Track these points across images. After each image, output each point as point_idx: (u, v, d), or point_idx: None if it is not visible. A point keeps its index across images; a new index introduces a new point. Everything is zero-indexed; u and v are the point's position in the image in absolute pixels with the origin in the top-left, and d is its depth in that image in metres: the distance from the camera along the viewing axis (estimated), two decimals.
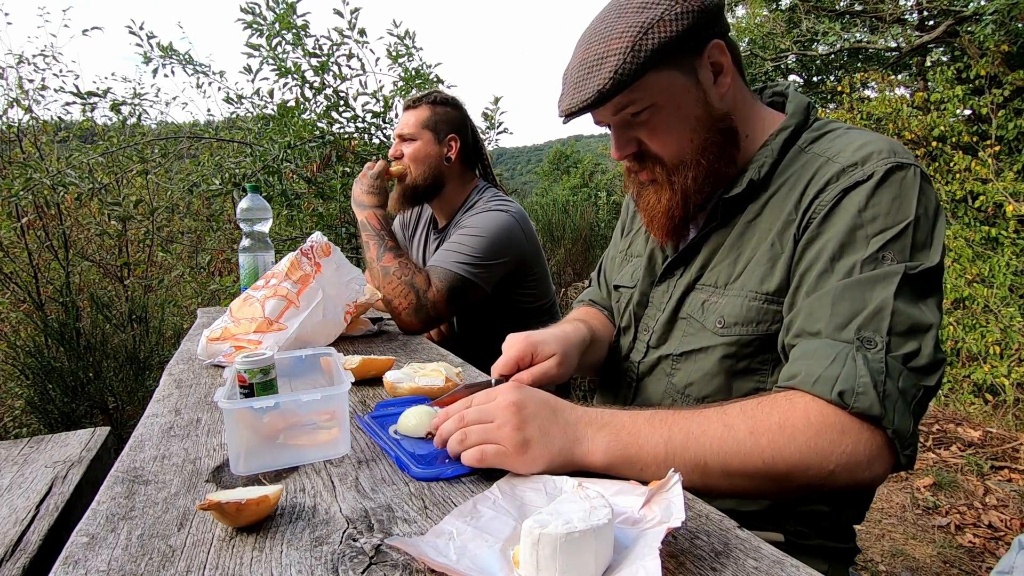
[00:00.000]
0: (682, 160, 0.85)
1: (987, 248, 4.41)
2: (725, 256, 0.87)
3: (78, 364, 2.95)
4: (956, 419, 3.36)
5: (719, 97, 0.84)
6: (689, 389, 0.88)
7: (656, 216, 0.89)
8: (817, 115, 0.89)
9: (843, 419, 0.64)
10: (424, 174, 1.68)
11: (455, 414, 0.71)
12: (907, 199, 0.73)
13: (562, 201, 5.74)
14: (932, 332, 0.68)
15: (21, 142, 3.71)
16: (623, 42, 0.77)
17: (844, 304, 0.70)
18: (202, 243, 3.98)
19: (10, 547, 1.10)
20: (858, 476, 0.64)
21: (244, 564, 0.52)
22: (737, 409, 0.67)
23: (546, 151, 37.89)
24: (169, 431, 0.85)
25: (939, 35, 5.33)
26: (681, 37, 0.77)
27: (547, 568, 0.47)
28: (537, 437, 0.65)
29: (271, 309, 1.18)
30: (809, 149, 0.84)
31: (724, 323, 0.84)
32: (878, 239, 0.71)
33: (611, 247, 1.21)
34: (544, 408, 0.68)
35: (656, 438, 0.65)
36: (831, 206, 0.75)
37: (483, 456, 0.66)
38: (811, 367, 0.67)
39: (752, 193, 0.85)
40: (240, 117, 3.59)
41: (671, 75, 0.81)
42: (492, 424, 0.66)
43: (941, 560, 2.13)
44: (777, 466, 0.64)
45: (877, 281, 0.69)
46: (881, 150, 0.76)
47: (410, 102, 1.72)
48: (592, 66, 0.79)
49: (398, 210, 1.76)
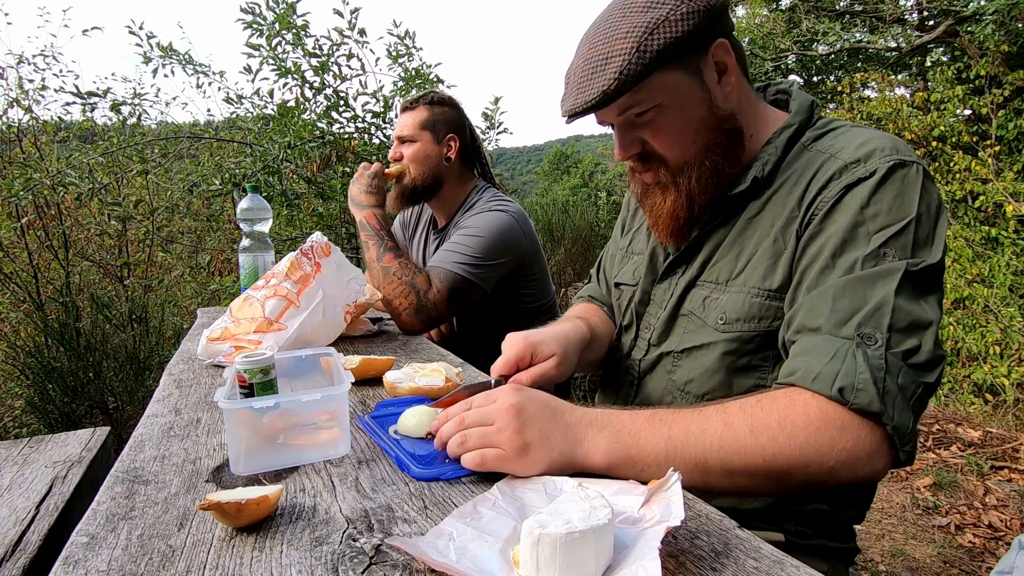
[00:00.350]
0: (686, 161, 0.84)
1: (987, 248, 4.41)
2: (727, 253, 0.87)
3: (78, 364, 2.95)
4: (956, 419, 3.36)
5: (723, 97, 0.84)
6: (689, 386, 0.88)
7: (661, 218, 0.89)
8: (821, 114, 0.89)
9: (843, 415, 0.64)
10: (424, 174, 1.68)
11: (454, 416, 0.70)
12: (909, 196, 0.73)
13: (562, 201, 5.75)
14: (932, 329, 0.68)
15: (21, 142, 3.71)
16: (628, 42, 0.76)
17: (845, 300, 0.70)
18: (202, 243, 3.98)
19: (10, 547, 1.10)
20: (858, 472, 0.65)
21: (244, 564, 0.52)
22: (737, 407, 0.67)
23: (546, 151, 37.88)
24: (169, 431, 0.85)
25: (939, 35, 5.33)
26: (687, 37, 0.77)
27: (547, 568, 0.47)
28: (537, 440, 0.65)
29: (271, 309, 1.18)
30: (812, 146, 0.83)
31: (726, 319, 0.84)
32: (880, 235, 0.71)
33: (611, 244, 1.21)
34: (544, 411, 0.67)
35: (656, 438, 0.65)
36: (833, 202, 0.75)
37: (483, 460, 0.65)
38: (811, 363, 0.68)
39: (755, 190, 0.85)
40: (240, 117, 3.59)
41: (676, 75, 0.80)
42: (492, 428, 0.66)
43: (941, 560, 2.13)
44: (778, 463, 0.64)
45: (878, 277, 0.69)
46: (884, 147, 0.76)
47: (407, 104, 1.72)
48: (596, 66, 0.78)
49: (397, 210, 1.76)
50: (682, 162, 0.85)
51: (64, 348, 2.97)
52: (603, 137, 36.49)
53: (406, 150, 1.68)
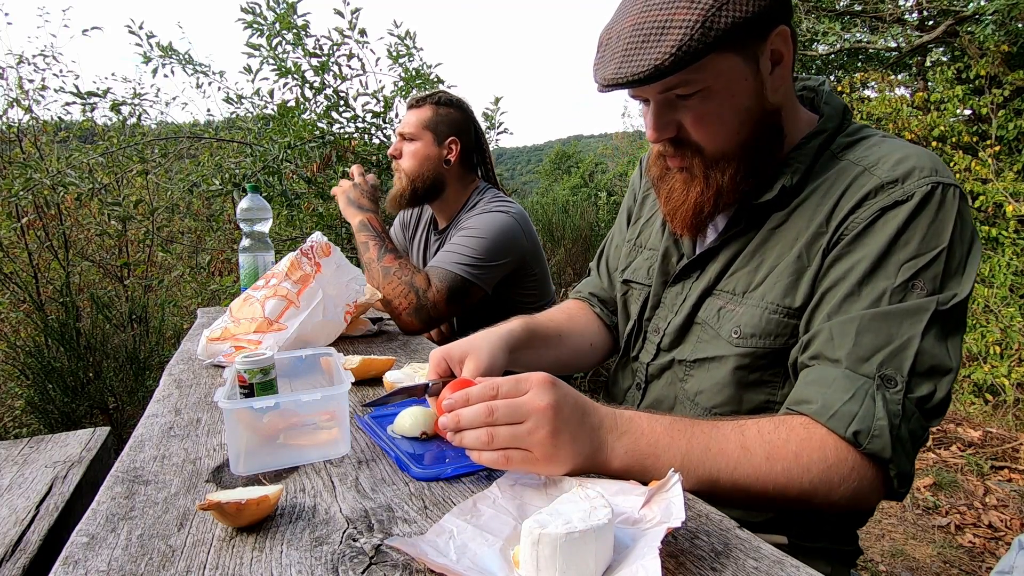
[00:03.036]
0: (724, 153, 0.78)
1: (987, 248, 4.40)
2: (746, 263, 0.82)
3: (78, 364, 2.95)
4: (956, 419, 3.36)
5: (774, 90, 0.77)
6: (699, 397, 0.86)
7: (681, 207, 0.83)
8: (852, 119, 0.84)
9: (855, 457, 0.66)
10: (423, 176, 1.67)
11: (477, 401, 0.62)
12: (944, 224, 0.70)
13: (562, 201, 5.74)
14: (950, 376, 0.68)
15: (21, 142, 3.71)
16: (693, 13, 0.68)
17: (868, 336, 0.68)
18: (202, 243, 3.98)
19: (10, 547, 1.10)
20: (857, 505, 0.68)
21: (244, 564, 0.52)
22: (755, 431, 0.67)
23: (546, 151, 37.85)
24: (169, 431, 0.85)
25: (939, 35, 5.33)
26: (754, 19, 0.69)
27: (547, 568, 0.47)
28: (567, 446, 0.61)
29: (271, 309, 1.18)
30: (844, 156, 0.79)
31: (740, 333, 0.80)
32: (910, 266, 0.69)
33: (615, 234, 1.15)
34: (576, 412, 0.63)
35: (674, 451, 0.64)
36: (865, 224, 0.72)
37: (508, 461, 0.61)
38: (829, 398, 0.67)
39: (780, 199, 0.80)
40: (240, 117, 3.58)
41: (733, 59, 0.73)
42: (523, 427, 0.60)
43: (941, 560, 2.13)
44: (788, 493, 0.65)
45: (906, 316, 0.68)
46: (923, 167, 0.72)
47: (414, 101, 1.72)
48: (650, 34, 0.69)
49: (395, 210, 1.76)
50: (719, 154, 0.78)
51: (64, 348, 2.97)
52: (604, 137, 36.40)
53: (406, 147, 1.68)
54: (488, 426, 0.61)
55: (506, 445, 0.60)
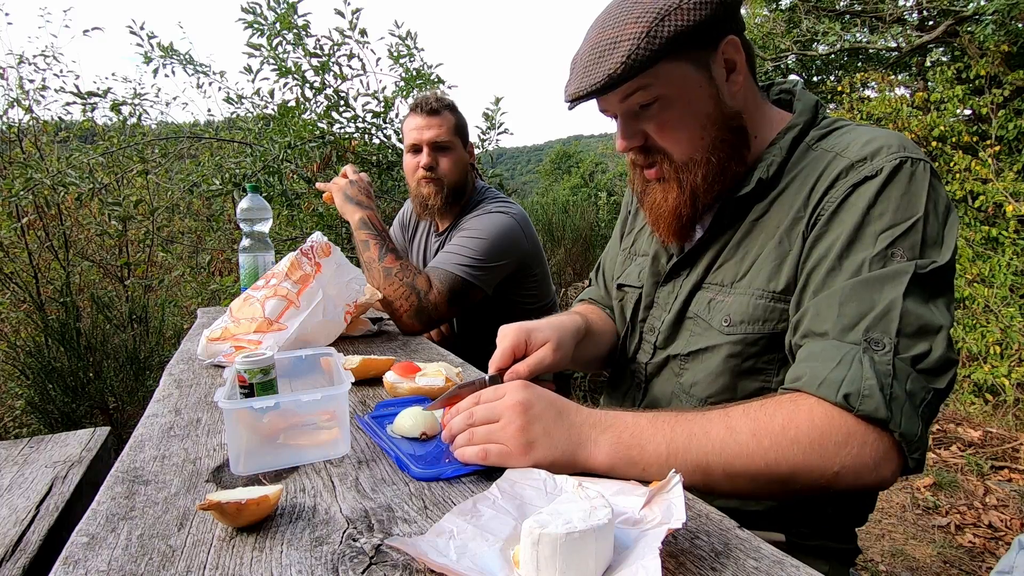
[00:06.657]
0: (692, 157, 0.83)
1: (987, 248, 4.40)
2: (731, 255, 0.86)
3: (78, 364, 2.95)
4: (956, 419, 3.36)
5: (731, 95, 0.83)
6: (694, 389, 0.88)
7: (663, 215, 0.88)
8: (825, 113, 0.88)
9: (848, 422, 0.64)
10: (459, 182, 1.68)
11: (464, 411, 0.71)
12: (916, 194, 0.72)
13: (562, 201, 5.73)
14: (943, 333, 0.67)
15: (21, 142, 3.72)
16: (638, 27, 0.75)
17: (851, 304, 0.69)
18: (202, 243, 3.98)
19: (10, 547, 1.10)
20: (864, 479, 0.64)
21: (244, 564, 0.52)
22: (740, 411, 0.67)
23: (546, 151, 37.85)
24: (169, 431, 0.85)
25: (939, 35, 5.33)
26: (698, 27, 0.75)
27: (547, 568, 0.47)
28: (541, 438, 0.65)
29: (271, 309, 1.18)
30: (817, 146, 0.83)
31: (730, 321, 0.83)
32: (887, 235, 0.71)
33: (611, 246, 1.20)
34: (550, 409, 0.68)
35: (658, 439, 0.65)
36: (839, 202, 0.75)
37: (486, 455, 0.66)
38: (816, 369, 0.67)
39: (760, 192, 0.84)
40: (240, 117, 3.59)
41: (684, 67, 0.79)
42: (497, 424, 0.67)
43: (941, 560, 2.13)
44: (780, 468, 0.64)
45: (886, 280, 0.69)
46: (891, 145, 0.75)
47: (432, 108, 1.66)
48: (604, 50, 0.77)
49: (426, 218, 1.80)
50: (687, 158, 0.83)
51: (64, 348, 2.97)
52: (604, 137, 36.43)
53: (444, 157, 1.66)
54: (469, 427, 0.69)
55: (483, 441, 0.67)
